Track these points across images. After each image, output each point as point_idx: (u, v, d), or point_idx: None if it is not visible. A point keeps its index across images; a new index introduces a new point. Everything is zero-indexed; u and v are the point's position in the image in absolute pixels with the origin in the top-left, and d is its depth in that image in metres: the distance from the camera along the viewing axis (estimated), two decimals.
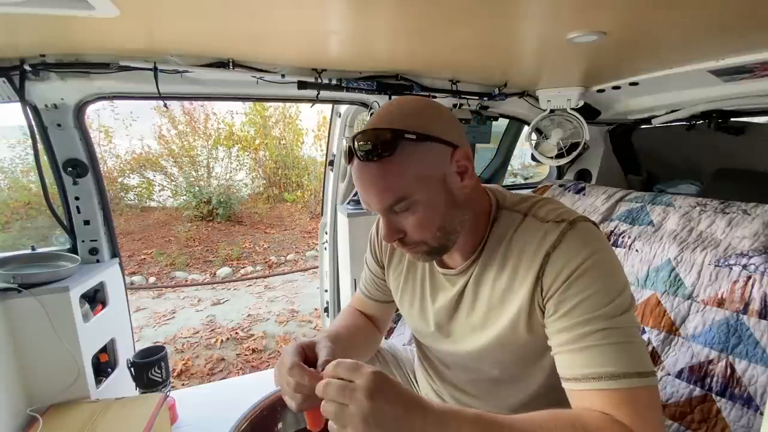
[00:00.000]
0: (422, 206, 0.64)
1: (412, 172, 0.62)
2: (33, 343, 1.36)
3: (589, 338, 0.58)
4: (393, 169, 0.62)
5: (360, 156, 0.62)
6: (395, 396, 0.49)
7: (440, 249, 0.69)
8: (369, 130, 0.62)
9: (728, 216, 1.25)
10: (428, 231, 0.66)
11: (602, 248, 0.63)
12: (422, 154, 0.62)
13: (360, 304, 0.98)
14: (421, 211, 0.64)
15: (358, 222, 1.86)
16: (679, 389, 1.05)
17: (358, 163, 0.63)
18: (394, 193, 0.63)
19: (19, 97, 1.25)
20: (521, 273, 0.66)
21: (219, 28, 1.02)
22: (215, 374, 2.76)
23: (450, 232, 0.68)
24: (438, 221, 0.66)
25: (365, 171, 0.63)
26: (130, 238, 5.54)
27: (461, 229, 0.70)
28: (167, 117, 6.14)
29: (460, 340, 0.78)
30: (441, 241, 0.68)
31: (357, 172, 0.64)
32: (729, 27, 0.94)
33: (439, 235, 0.67)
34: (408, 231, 0.67)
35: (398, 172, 0.62)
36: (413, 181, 0.62)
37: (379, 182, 0.63)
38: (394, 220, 0.66)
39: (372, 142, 0.61)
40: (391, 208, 0.65)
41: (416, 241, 0.68)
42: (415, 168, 0.62)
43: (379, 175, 0.62)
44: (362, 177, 0.64)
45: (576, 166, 2.29)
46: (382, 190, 0.63)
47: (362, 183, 0.65)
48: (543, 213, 0.68)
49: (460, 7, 0.83)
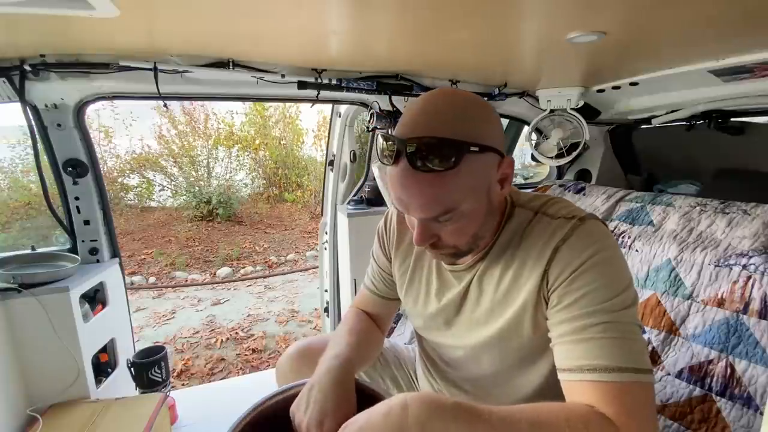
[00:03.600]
0: (465, 217, 0.62)
1: (465, 185, 0.59)
2: (33, 343, 1.36)
3: (589, 330, 0.58)
4: (448, 181, 0.57)
5: (413, 162, 0.56)
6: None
7: (467, 252, 0.70)
8: (428, 137, 0.56)
9: (728, 216, 1.25)
10: (463, 238, 0.66)
11: (610, 245, 0.63)
12: (478, 164, 0.59)
13: (364, 303, 0.97)
14: (463, 221, 0.63)
15: (358, 222, 1.86)
16: (679, 389, 1.05)
17: (407, 168, 0.57)
18: (443, 206, 0.60)
19: (19, 97, 1.25)
20: (528, 267, 0.67)
21: (219, 28, 1.02)
22: (215, 374, 2.76)
23: (480, 237, 0.69)
24: (474, 229, 0.65)
25: (414, 178, 0.58)
26: (130, 238, 5.54)
27: (490, 234, 0.70)
28: (167, 117, 6.13)
29: (463, 334, 0.78)
30: (471, 246, 0.69)
31: (402, 175, 0.58)
32: (729, 27, 0.94)
33: (470, 240, 0.67)
34: (443, 237, 0.66)
35: (453, 186, 0.58)
36: (463, 194, 0.60)
37: (429, 193, 0.58)
38: (432, 227, 0.64)
39: (432, 152, 0.55)
40: (435, 219, 0.62)
41: (449, 246, 0.67)
42: (469, 180, 0.59)
43: (431, 185, 0.58)
44: (408, 183, 0.59)
45: (576, 166, 2.28)
46: (430, 202, 0.59)
47: (406, 189, 0.59)
48: (554, 210, 0.69)
49: (460, 7, 0.83)
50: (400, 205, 0.63)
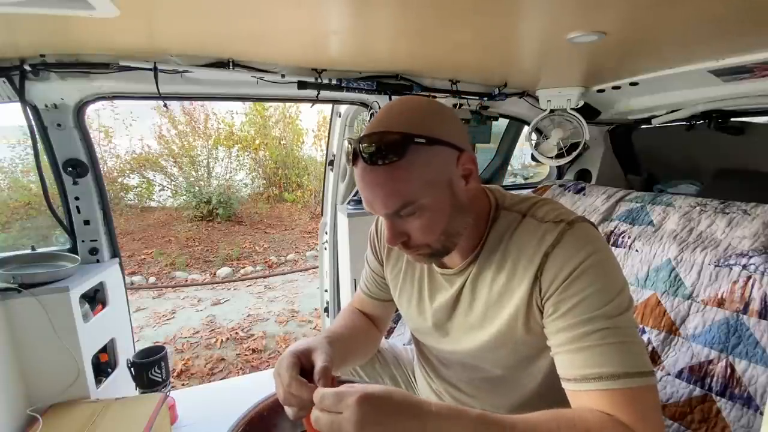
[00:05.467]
0: (427, 211, 0.63)
1: (419, 177, 0.60)
2: (33, 343, 1.36)
3: (589, 338, 0.58)
4: (400, 174, 0.60)
5: (366, 159, 0.59)
6: (385, 416, 0.49)
7: (442, 251, 0.69)
8: (376, 133, 0.60)
9: (728, 216, 1.25)
10: (432, 235, 0.66)
11: (601, 248, 0.63)
12: (430, 158, 0.61)
13: (360, 303, 0.98)
14: (427, 215, 0.63)
15: (358, 222, 1.86)
16: (679, 389, 1.05)
17: (364, 166, 0.61)
18: (400, 198, 0.61)
19: (19, 97, 1.25)
20: (519, 272, 0.66)
21: (219, 28, 1.02)
22: (215, 374, 2.76)
23: (453, 235, 0.68)
24: (442, 225, 0.65)
25: (371, 175, 0.61)
26: (130, 238, 5.54)
27: (464, 232, 0.69)
28: (167, 117, 6.14)
29: (458, 338, 0.78)
30: (444, 244, 0.68)
31: (361, 175, 0.62)
32: (729, 27, 0.94)
33: (442, 238, 0.67)
34: (412, 235, 0.66)
35: (406, 177, 0.60)
36: (420, 186, 0.61)
37: (386, 187, 0.61)
38: (398, 224, 0.65)
39: (380, 145, 0.58)
40: (397, 213, 0.63)
41: (419, 245, 0.67)
42: (423, 173, 0.61)
43: (385, 179, 0.60)
44: (367, 180, 0.62)
45: (576, 166, 2.29)
46: (388, 195, 0.62)
47: (367, 186, 0.63)
48: (542, 213, 0.68)
49: (460, 7, 0.83)
50: (368, 206, 0.65)
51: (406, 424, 0.49)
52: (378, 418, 0.48)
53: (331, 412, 0.49)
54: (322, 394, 0.51)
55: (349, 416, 0.47)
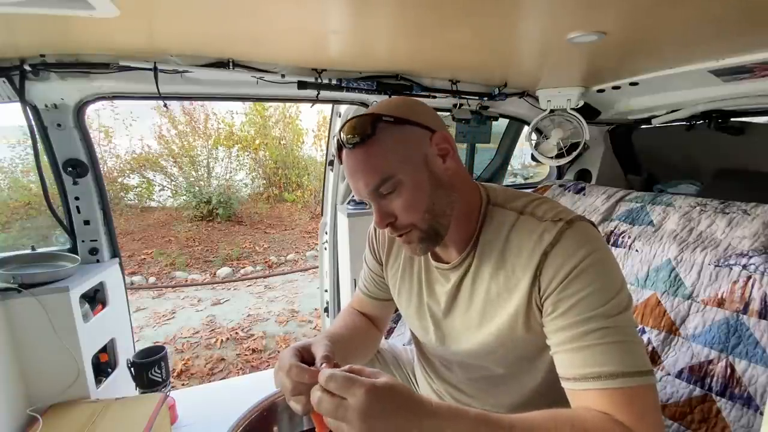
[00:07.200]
0: (407, 187, 0.66)
1: (393, 153, 0.65)
2: (33, 343, 1.36)
3: (588, 337, 0.58)
4: (375, 150, 0.65)
5: (344, 143, 0.66)
6: (389, 410, 0.48)
7: (432, 234, 0.69)
8: (350, 119, 0.66)
9: (728, 216, 1.25)
10: (417, 212, 0.67)
11: (600, 248, 0.63)
12: (401, 135, 0.66)
13: (360, 304, 0.98)
14: (407, 191, 0.66)
15: (358, 222, 1.86)
16: (679, 389, 1.05)
17: (346, 153, 0.67)
18: (378, 173, 0.65)
19: (19, 97, 1.25)
20: (518, 271, 0.66)
21: (219, 28, 1.02)
22: (215, 374, 2.76)
23: (438, 215, 0.69)
24: (425, 202, 0.67)
25: (350, 157, 0.67)
26: (130, 238, 5.54)
27: (450, 212, 0.70)
28: (167, 117, 6.14)
29: (458, 337, 0.78)
30: (431, 224, 0.68)
31: (345, 162, 0.68)
32: (729, 27, 0.94)
33: (428, 216, 0.68)
34: (398, 214, 0.68)
35: (380, 152, 0.65)
36: (396, 162, 0.65)
37: (364, 165, 0.66)
38: (384, 204, 0.68)
39: (353, 126, 0.65)
40: (378, 191, 0.66)
41: (406, 225, 0.68)
42: (396, 148, 0.66)
43: (362, 158, 0.66)
44: (349, 164, 0.67)
45: (576, 166, 2.29)
46: (367, 172, 0.66)
47: (349, 170, 0.68)
48: (540, 212, 0.68)
49: (460, 7, 0.83)
50: (356, 192, 0.69)
51: (407, 420, 0.49)
52: (383, 411, 0.48)
53: (335, 396, 0.49)
54: (329, 374, 0.49)
55: (355, 404, 0.47)
